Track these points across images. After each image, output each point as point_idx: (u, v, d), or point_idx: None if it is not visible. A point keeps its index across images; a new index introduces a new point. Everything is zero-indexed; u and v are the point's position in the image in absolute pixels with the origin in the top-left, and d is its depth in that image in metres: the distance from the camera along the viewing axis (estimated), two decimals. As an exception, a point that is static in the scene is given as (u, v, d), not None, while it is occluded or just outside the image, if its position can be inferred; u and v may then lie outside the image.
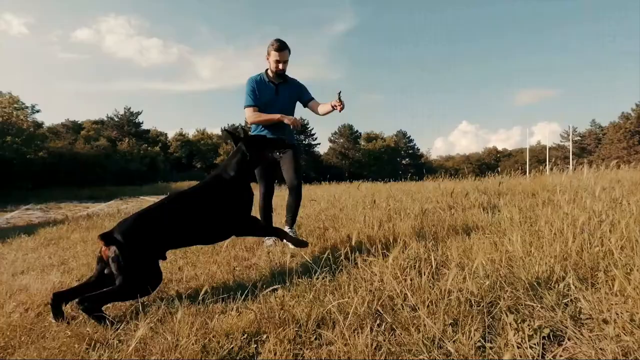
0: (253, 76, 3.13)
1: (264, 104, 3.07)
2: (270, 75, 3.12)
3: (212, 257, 2.73)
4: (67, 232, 5.23)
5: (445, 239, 2.47)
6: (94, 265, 2.88)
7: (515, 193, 5.07)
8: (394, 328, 1.40)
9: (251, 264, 2.50)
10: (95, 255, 1.96)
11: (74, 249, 3.88)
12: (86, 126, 41.52)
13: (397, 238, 2.51)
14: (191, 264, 2.65)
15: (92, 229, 5.33)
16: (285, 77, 3.15)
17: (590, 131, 50.78)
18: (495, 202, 4.14)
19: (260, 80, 3.11)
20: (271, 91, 3.11)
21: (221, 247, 3.07)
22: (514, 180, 8.84)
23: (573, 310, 1.43)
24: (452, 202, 4.61)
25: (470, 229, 2.74)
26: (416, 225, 2.89)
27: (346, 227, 2.95)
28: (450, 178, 15.16)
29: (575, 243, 1.94)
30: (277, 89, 3.12)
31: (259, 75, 3.15)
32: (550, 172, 9.91)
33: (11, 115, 26.10)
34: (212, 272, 2.36)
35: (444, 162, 64.50)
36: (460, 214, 3.44)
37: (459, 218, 3.21)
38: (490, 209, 3.48)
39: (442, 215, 3.41)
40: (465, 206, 3.94)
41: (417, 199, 5.72)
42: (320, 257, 2.35)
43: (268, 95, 3.10)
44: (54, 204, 18.94)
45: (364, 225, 2.96)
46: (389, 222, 3.04)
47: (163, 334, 1.46)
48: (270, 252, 2.74)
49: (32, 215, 13.93)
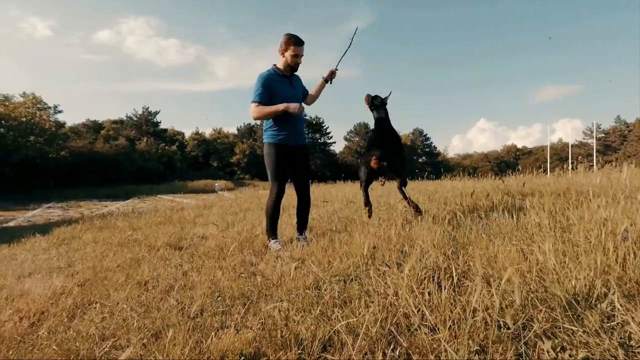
0: (264, 73, 3.03)
1: (284, 98, 2.99)
2: (281, 69, 3.08)
3: (218, 262, 2.61)
4: (80, 232, 5.23)
5: (467, 246, 2.27)
6: (99, 268, 2.83)
7: (541, 194, 4.78)
8: (410, 354, 1.23)
9: (258, 270, 2.36)
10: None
11: (83, 250, 3.84)
12: (106, 126, 42.49)
13: (413, 244, 2.32)
14: (196, 269, 2.53)
15: (105, 229, 5.32)
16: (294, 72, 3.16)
17: (615, 128, 48.87)
18: (519, 203, 3.88)
19: (273, 76, 3.03)
20: (287, 84, 3.08)
21: (228, 249, 2.96)
22: (538, 179, 8.46)
23: (622, 336, 1.22)
24: (473, 203, 4.37)
25: (493, 235, 2.53)
26: (435, 229, 2.70)
27: (359, 230, 2.77)
28: (468, 177, 14.72)
29: (617, 253, 1.71)
30: (291, 81, 3.12)
31: (269, 71, 3.06)
32: (575, 170, 9.47)
33: (34, 116, 26.86)
34: (216, 279, 2.23)
35: (461, 160, 63.23)
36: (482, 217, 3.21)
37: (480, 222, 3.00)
38: (515, 211, 3.24)
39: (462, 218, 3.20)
40: (487, 208, 3.71)
41: (435, 200, 5.50)
42: (330, 264, 2.19)
43: (287, 89, 3.06)
44: (75, 202, 19.46)
45: (379, 229, 2.78)
46: (405, 227, 2.86)
47: (154, 352, 1.33)
48: (280, 257, 2.60)
49: (52, 213, 14.27)
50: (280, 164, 3.01)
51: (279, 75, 3.05)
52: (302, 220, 3.17)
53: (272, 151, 3.01)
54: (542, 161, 48.53)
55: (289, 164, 3.06)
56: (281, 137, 3.02)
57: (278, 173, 3.01)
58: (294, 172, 3.13)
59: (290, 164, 3.07)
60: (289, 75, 3.09)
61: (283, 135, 3.02)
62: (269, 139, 3.05)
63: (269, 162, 3.02)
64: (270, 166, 3.02)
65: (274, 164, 3.00)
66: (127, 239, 4.17)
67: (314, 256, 2.43)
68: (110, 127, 41.98)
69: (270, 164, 3.02)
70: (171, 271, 2.47)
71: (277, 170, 3.01)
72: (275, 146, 3.01)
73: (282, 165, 3.01)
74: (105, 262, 3.04)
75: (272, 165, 3.01)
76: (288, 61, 3.02)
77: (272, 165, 3.00)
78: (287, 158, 3.03)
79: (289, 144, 3.04)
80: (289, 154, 3.04)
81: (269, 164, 3.03)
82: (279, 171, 3.01)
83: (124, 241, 4.06)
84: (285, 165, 3.04)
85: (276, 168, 3.00)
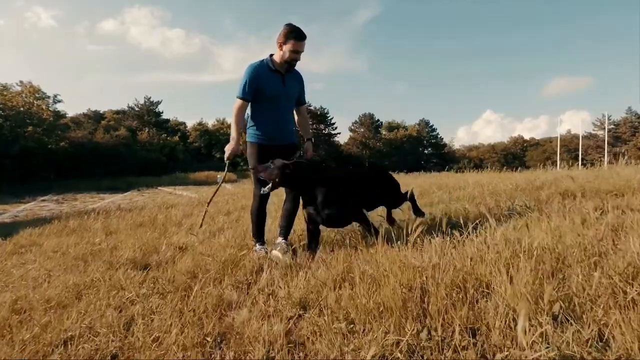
0: (254, 63, 2.70)
1: (270, 97, 2.70)
2: (277, 63, 2.69)
3: (181, 303, 1.80)
4: (45, 237, 4.48)
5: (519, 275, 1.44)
6: (22, 302, 2.01)
7: (592, 192, 3.92)
8: None
9: (234, 327, 1.54)
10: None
11: (31, 265, 3.05)
12: (107, 116, 41.80)
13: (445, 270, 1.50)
14: (148, 314, 1.73)
15: (75, 233, 4.57)
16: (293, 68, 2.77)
17: (626, 119, 47.35)
18: (567, 204, 3.01)
19: (264, 70, 2.69)
20: (278, 82, 2.71)
21: (205, 274, 2.18)
22: (567, 171, 7.55)
23: None
24: (507, 201, 3.53)
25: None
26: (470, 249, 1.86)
27: (385, 251, 1.97)
28: (478, 170, 13.88)
29: None
30: (284, 79, 2.73)
31: (261, 62, 2.71)
32: (609, 165, 8.51)
33: (32, 105, 26.18)
34: (167, 344, 1.43)
35: (467, 152, 61.90)
36: (531, 223, 2.33)
37: (529, 231, 2.12)
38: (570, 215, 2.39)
39: (500, 228, 2.34)
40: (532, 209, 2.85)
41: (456, 199, 4.66)
42: (352, 328, 1.39)
43: (275, 86, 2.70)
44: (72, 195, 18.80)
45: (417, 250, 1.95)
46: (422, 240, 2.04)
47: None
48: (273, 293, 1.80)
49: (44, 207, 13.63)
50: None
51: (271, 69, 2.70)
52: (286, 223, 2.85)
53: (253, 151, 2.77)
54: (550, 153, 47.23)
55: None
56: (264, 137, 2.76)
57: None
58: None
59: None
60: (283, 72, 2.71)
61: (266, 134, 2.76)
62: (251, 138, 2.81)
63: (251, 163, 2.76)
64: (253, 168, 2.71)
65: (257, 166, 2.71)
66: (91, 249, 3.39)
67: (323, 298, 1.62)
68: (112, 118, 41.27)
69: (253, 166, 2.72)
70: (110, 319, 1.67)
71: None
72: (257, 146, 2.77)
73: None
74: (39, 290, 2.27)
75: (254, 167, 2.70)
76: (285, 56, 2.64)
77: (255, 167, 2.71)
78: (272, 158, 2.65)
79: (273, 144, 2.75)
80: (274, 154, 2.66)
81: (251, 166, 2.75)
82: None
83: (86, 253, 3.28)
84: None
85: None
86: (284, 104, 2.77)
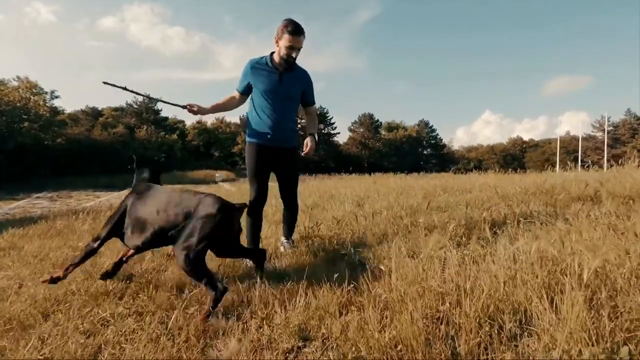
0: (254, 59, 2.67)
1: (264, 91, 2.61)
2: (276, 60, 2.58)
3: (162, 326, 1.54)
4: (29, 238, 4.20)
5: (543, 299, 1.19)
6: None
7: (609, 196, 3.67)
8: None
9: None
10: None
11: (4, 273, 2.79)
12: (106, 113, 41.41)
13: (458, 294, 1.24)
14: (121, 342, 1.47)
15: (60, 235, 4.30)
16: (294, 66, 2.62)
17: (625, 121, 47.26)
18: (580, 209, 2.77)
19: (261, 64, 2.63)
20: (273, 78, 2.60)
21: (189, 292, 1.92)
22: (572, 174, 7.29)
23: None
24: (521, 206, 3.28)
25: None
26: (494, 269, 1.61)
27: (373, 253, 1.72)
28: (479, 171, 13.64)
29: None
30: (282, 77, 2.60)
31: (263, 58, 2.65)
32: (611, 166, 8.25)
33: (28, 101, 25.82)
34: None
35: (466, 152, 61.69)
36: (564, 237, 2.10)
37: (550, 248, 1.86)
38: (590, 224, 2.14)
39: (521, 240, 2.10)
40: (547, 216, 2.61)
41: (464, 203, 4.41)
42: None
43: (269, 81, 2.60)
44: (67, 192, 18.49)
45: (423, 270, 1.69)
46: (430, 259, 1.78)
47: None
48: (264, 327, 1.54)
49: (37, 205, 13.32)
50: (260, 167, 2.63)
51: (270, 66, 2.61)
52: (288, 227, 2.89)
53: (251, 152, 2.64)
54: (549, 154, 46.95)
55: (271, 167, 2.69)
56: (263, 137, 2.62)
57: (257, 177, 2.64)
58: (277, 177, 2.77)
59: (273, 168, 2.69)
60: (281, 70, 2.58)
61: (265, 134, 2.62)
62: (249, 138, 2.68)
63: (248, 163, 2.66)
64: (248, 168, 2.66)
65: (252, 167, 2.63)
66: (73, 255, 3.12)
67: (327, 326, 1.36)
68: (110, 115, 40.88)
69: (248, 166, 2.65)
70: (73, 348, 1.40)
71: (255, 174, 2.63)
72: (253, 145, 2.64)
73: (261, 169, 2.64)
74: (3, 305, 2.00)
75: (250, 168, 2.64)
76: (280, 52, 2.53)
77: (250, 168, 2.64)
78: (269, 161, 2.64)
79: (271, 145, 2.62)
80: (271, 156, 2.62)
81: (247, 165, 2.67)
82: (257, 175, 2.63)
83: (67, 259, 3.02)
84: (267, 168, 2.67)
85: (255, 172, 2.63)
86: (281, 103, 2.63)
